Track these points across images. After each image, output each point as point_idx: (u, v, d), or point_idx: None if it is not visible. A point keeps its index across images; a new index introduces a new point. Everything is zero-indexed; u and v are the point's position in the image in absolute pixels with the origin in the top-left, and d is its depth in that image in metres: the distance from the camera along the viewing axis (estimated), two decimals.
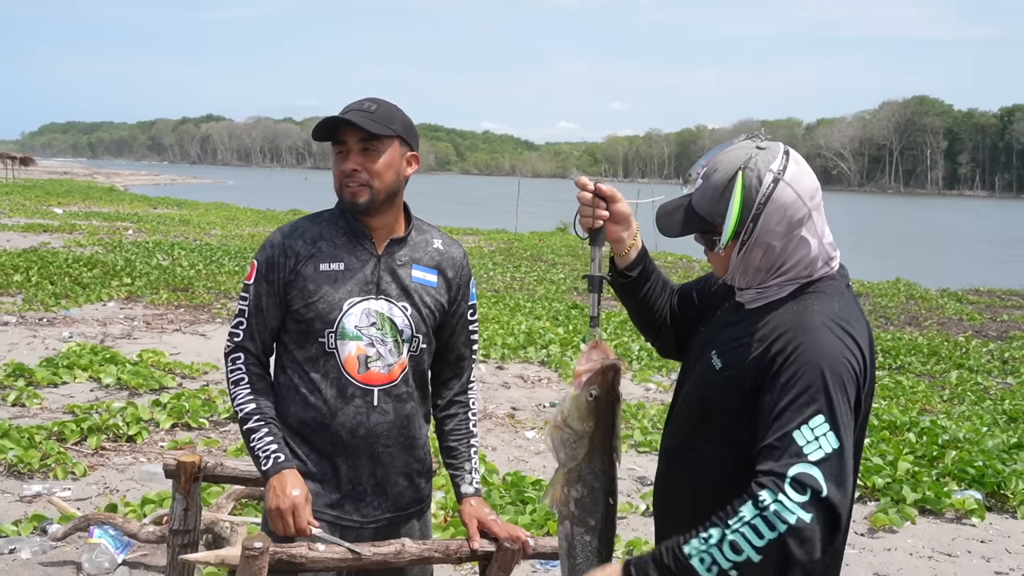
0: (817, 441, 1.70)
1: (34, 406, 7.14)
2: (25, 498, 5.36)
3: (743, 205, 1.85)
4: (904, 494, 5.93)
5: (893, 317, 15.56)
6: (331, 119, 2.37)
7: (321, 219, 2.50)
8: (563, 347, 10.64)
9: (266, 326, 2.46)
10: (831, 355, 1.77)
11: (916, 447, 6.95)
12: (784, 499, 1.65)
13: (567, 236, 31.04)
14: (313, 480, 2.44)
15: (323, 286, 2.40)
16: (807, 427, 1.71)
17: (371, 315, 2.42)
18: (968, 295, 19.23)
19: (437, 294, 2.52)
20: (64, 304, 11.80)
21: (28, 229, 22.39)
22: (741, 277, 1.96)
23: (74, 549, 4.63)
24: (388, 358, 2.44)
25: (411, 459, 2.53)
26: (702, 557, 1.69)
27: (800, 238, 1.88)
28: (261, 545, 2.25)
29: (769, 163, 1.89)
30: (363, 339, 2.41)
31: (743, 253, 1.90)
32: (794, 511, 1.65)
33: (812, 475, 1.66)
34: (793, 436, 1.71)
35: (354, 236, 2.46)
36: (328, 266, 2.42)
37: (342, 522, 2.46)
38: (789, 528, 1.64)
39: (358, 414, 2.42)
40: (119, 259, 16.45)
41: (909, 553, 5.30)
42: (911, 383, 9.75)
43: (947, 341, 12.83)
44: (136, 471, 5.89)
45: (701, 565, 1.69)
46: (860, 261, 26.40)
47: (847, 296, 1.92)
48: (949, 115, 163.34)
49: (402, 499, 2.54)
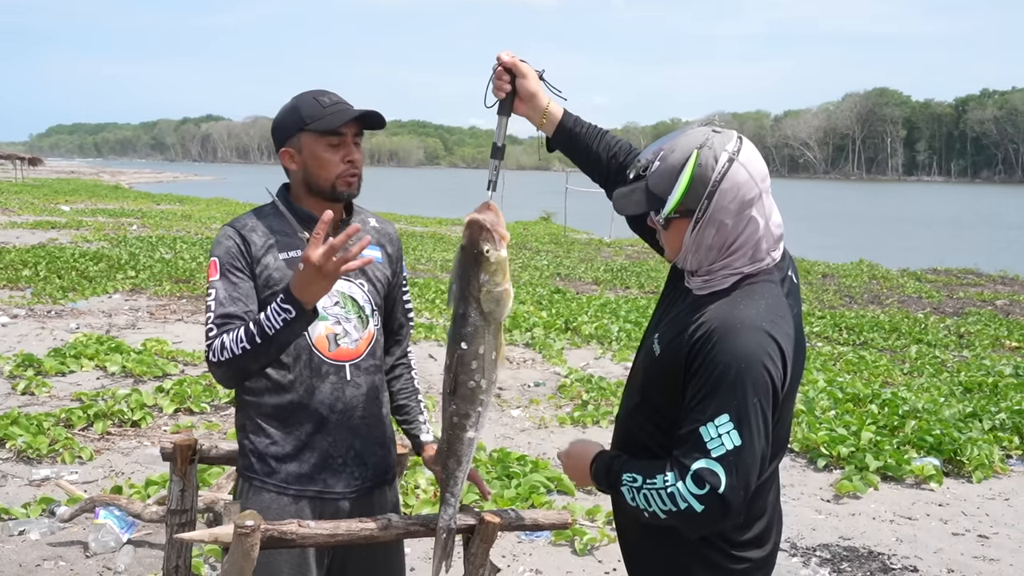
0: (720, 438, 1.76)
1: (43, 394, 7.09)
2: (34, 482, 5.32)
3: (692, 179, 1.85)
4: (867, 462, 5.95)
5: (857, 296, 15.60)
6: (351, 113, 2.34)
7: (266, 213, 2.44)
8: (547, 330, 10.62)
9: (247, 309, 2.32)
10: (746, 357, 1.78)
11: (878, 418, 6.97)
12: (683, 488, 1.77)
13: (551, 225, 31.04)
14: (293, 460, 2.41)
15: (287, 273, 2.35)
16: (712, 424, 1.77)
17: (334, 295, 2.40)
18: (927, 274, 19.31)
19: (383, 268, 2.54)
20: (71, 297, 11.72)
21: (37, 226, 22.20)
22: (693, 257, 1.93)
23: (81, 530, 4.61)
24: (354, 333, 2.43)
25: (384, 427, 2.55)
26: (628, 488, 1.89)
27: (750, 218, 1.87)
28: (252, 523, 2.22)
29: (724, 144, 1.88)
30: (329, 319, 2.39)
31: (696, 231, 1.88)
32: (688, 500, 1.77)
33: (713, 471, 1.75)
34: (700, 432, 1.78)
35: (304, 222, 2.40)
36: (287, 254, 2.37)
37: (324, 495, 2.44)
38: (680, 511, 1.79)
39: (335, 390, 2.40)
40: (124, 253, 16.34)
41: (872, 517, 5.32)
42: (873, 358, 9.78)
43: (907, 318, 12.88)
44: (140, 454, 5.85)
45: (627, 493, 1.89)
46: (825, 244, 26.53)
47: (777, 293, 1.91)
48: (908, 105, 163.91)
49: (379, 467, 2.54)
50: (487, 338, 2.12)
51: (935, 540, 5.00)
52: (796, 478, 5.95)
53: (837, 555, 4.76)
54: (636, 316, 11.55)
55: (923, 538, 5.02)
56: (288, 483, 2.41)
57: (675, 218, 1.90)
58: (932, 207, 62.93)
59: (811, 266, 19.52)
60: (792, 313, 1.92)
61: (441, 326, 10.55)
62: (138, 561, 4.32)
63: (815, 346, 10.61)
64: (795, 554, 4.75)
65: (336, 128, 2.33)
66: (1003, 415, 7.09)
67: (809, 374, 8.48)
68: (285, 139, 2.39)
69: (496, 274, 2.07)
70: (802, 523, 5.17)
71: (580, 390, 7.77)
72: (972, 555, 4.82)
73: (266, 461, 2.42)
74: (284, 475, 2.41)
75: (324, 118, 2.32)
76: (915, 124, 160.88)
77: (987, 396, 8.03)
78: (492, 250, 2.06)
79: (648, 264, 18.88)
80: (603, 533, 4.76)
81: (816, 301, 14.69)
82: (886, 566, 4.65)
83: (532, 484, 5.30)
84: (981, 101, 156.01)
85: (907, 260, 21.61)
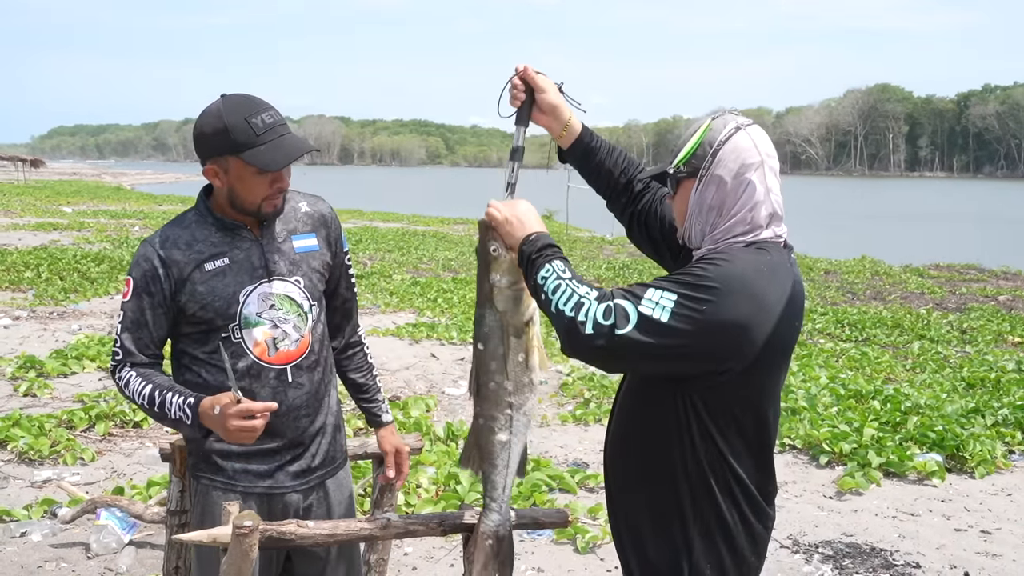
0: (656, 304, 1.78)
1: (44, 396, 7.10)
2: (36, 484, 5.32)
3: (702, 140, 1.97)
4: (870, 458, 5.94)
5: (859, 292, 15.59)
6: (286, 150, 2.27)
7: (187, 222, 2.38)
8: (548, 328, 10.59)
9: (152, 338, 2.34)
10: (734, 273, 1.82)
11: (880, 414, 6.96)
12: (595, 306, 1.80)
13: (552, 223, 30.97)
14: (241, 459, 2.40)
15: (214, 285, 2.32)
16: (659, 292, 1.80)
17: (268, 298, 2.37)
18: (929, 270, 19.27)
19: (321, 255, 2.49)
20: (73, 298, 11.73)
21: (39, 228, 22.23)
22: (696, 222, 1.99)
23: (83, 531, 4.61)
24: (294, 334, 2.40)
25: (329, 417, 2.54)
26: (548, 271, 1.89)
27: (749, 181, 1.93)
28: (251, 523, 2.22)
29: (736, 118, 2.00)
30: (266, 323, 2.36)
31: (699, 189, 1.96)
32: (587, 316, 1.79)
33: (627, 314, 1.78)
34: (647, 288, 1.82)
35: (228, 230, 2.36)
36: (213, 264, 2.32)
37: (273, 491, 2.43)
38: (573, 320, 1.81)
39: (276, 394, 2.38)
40: (126, 255, 16.33)
41: (875, 514, 5.31)
42: (876, 354, 9.76)
43: (910, 314, 12.86)
44: (142, 455, 5.85)
45: (543, 272, 1.90)
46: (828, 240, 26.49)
47: (784, 256, 1.96)
48: (909, 101, 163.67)
49: (327, 456, 2.54)
50: (507, 339, 2.08)
51: (938, 536, 4.99)
52: (799, 475, 5.94)
53: (840, 552, 4.75)
54: None
55: (926, 534, 5.01)
56: (236, 480, 2.41)
57: (683, 177, 1.99)
58: (934, 203, 62.84)
59: (813, 262, 19.50)
60: (794, 279, 1.95)
61: (443, 325, 10.54)
62: (139, 562, 4.32)
63: (817, 343, 10.60)
64: (797, 551, 4.74)
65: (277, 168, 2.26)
66: (1006, 410, 7.07)
67: (811, 370, 8.47)
68: (211, 156, 2.29)
69: (508, 274, 2.05)
70: (804, 520, 5.17)
71: (582, 388, 7.77)
72: (975, 551, 4.81)
73: (211, 460, 2.41)
74: (231, 472, 2.40)
75: (258, 150, 2.22)
76: (917, 120, 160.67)
77: (990, 392, 8.01)
78: (500, 249, 2.05)
79: (650, 262, 18.79)
80: (605, 531, 4.75)
81: (818, 297, 14.68)
82: (888, 562, 4.64)
83: (534, 482, 5.29)
84: (983, 96, 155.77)
85: (909, 256, 21.56)
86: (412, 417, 6.17)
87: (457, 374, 8.29)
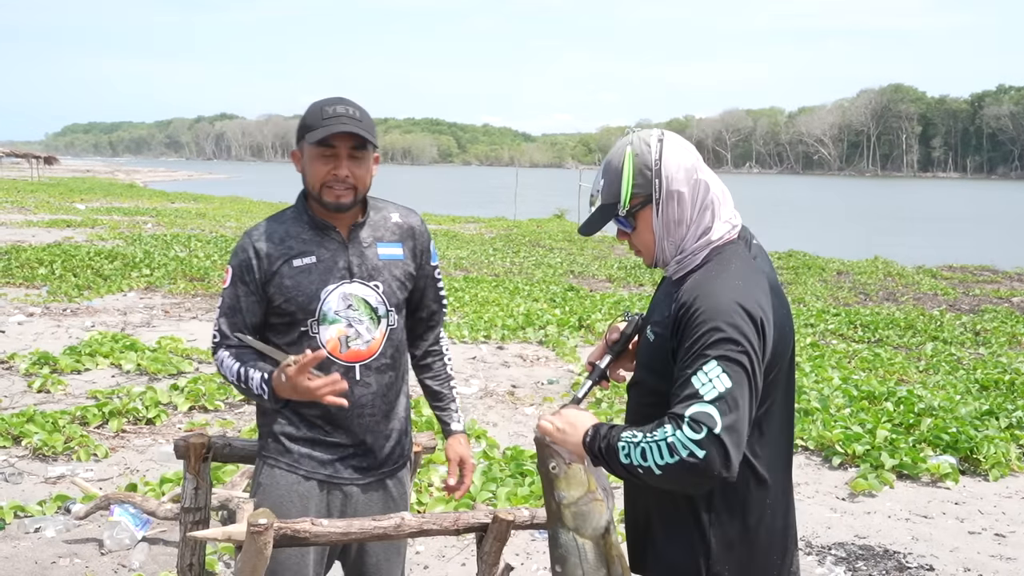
0: (711, 382, 1.79)
1: (58, 392, 7.13)
2: (50, 479, 5.35)
3: (635, 167, 1.99)
4: (882, 460, 5.91)
5: (872, 293, 15.52)
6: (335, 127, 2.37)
7: (284, 218, 2.54)
8: (560, 327, 10.61)
9: (245, 323, 2.50)
10: (724, 311, 1.85)
11: (894, 415, 6.92)
12: (681, 436, 1.77)
13: (564, 222, 30.99)
14: (307, 444, 2.51)
15: (299, 280, 2.45)
16: (703, 371, 1.81)
17: (347, 298, 2.48)
18: (942, 271, 19.16)
19: (405, 265, 2.59)
20: (86, 295, 11.78)
21: (52, 225, 22.34)
22: (668, 242, 2.03)
23: (96, 527, 4.63)
24: (366, 335, 2.50)
25: (394, 422, 2.62)
26: (625, 446, 1.84)
27: (702, 181, 2.00)
28: (266, 521, 2.23)
29: (649, 134, 2.03)
30: (342, 321, 2.47)
31: (661, 212, 2.00)
32: (688, 446, 1.76)
33: (707, 413, 1.77)
34: (691, 380, 1.81)
35: (319, 229, 2.50)
36: (301, 261, 2.47)
37: (333, 480, 2.53)
38: (682, 460, 1.77)
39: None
40: (139, 252, 16.41)
41: (888, 516, 5.29)
42: (889, 355, 9.72)
43: (923, 315, 12.80)
44: (155, 452, 5.87)
45: (622, 452, 1.85)
46: (840, 241, 26.40)
47: (745, 255, 2.01)
48: (923, 101, 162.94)
49: (388, 458, 2.62)
50: (585, 555, 1.97)
51: (951, 539, 4.96)
52: (811, 476, 5.92)
53: (852, 554, 4.73)
54: None
55: (939, 537, 4.98)
56: (299, 463, 2.51)
57: (638, 209, 2.02)
58: (948, 204, 62.53)
59: (825, 263, 19.42)
60: (764, 272, 2.00)
61: (454, 324, 10.54)
62: (153, 558, 4.34)
63: (829, 343, 10.55)
64: (810, 552, 4.72)
65: (321, 141, 2.38)
66: (1020, 413, 7.02)
67: (824, 371, 8.44)
68: (296, 142, 2.50)
69: (571, 489, 1.97)
70: (817, 521, 5.15)
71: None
72: (989, 554, 4.79)
73: (280, 441, 2.52)
74: (297, 455, 2.51)
75: (317, 129, 2.39)
76: (930, 120, 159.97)
77: (1004, 394, 7.97)
78: (560, 466, 1.97)
79: None
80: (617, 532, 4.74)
81: (831, 298, 14.62)
82: (902, 565, 4.62)
83: None
84: (997, 97, 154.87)
85: (922, 257, 21.45)
86: (424, 416, 6.17)
87: (468, 372, 8.29)
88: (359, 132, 2.39)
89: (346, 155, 2.41)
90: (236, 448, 2.89)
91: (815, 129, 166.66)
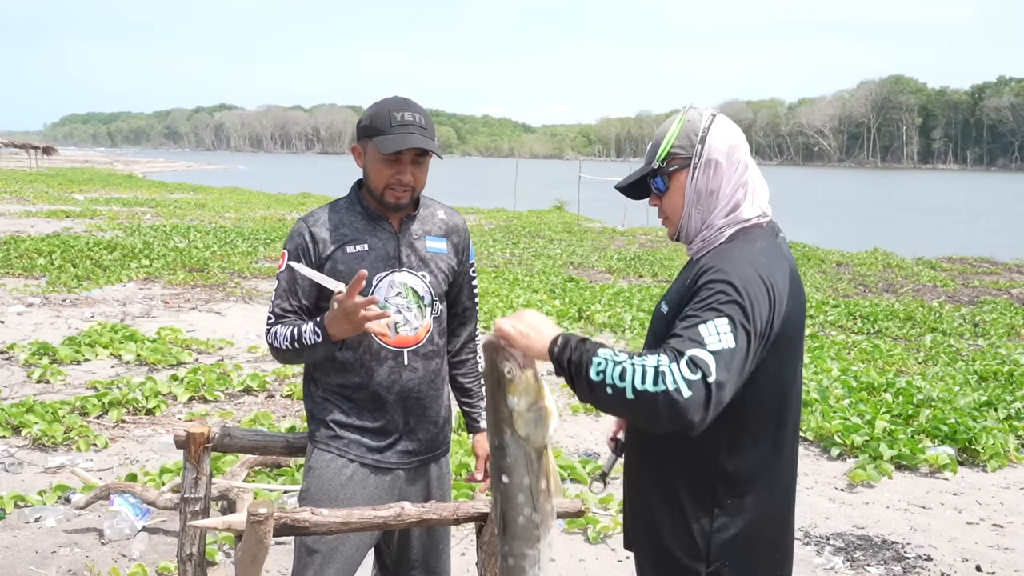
0: (719, 336, 1.75)
1: (58, 382, 7.13)
2: (49, 469, 5.35)
3: (683, 128, 2.04)
4: (881, 451, 5.92)
5: (871, 285, 15.52)
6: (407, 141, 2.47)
7: (339, 207, 2.65)
8: (559, 318, 10.61)
9: (300, 304, 2.60)
10: (744, 274, 1.85)
11: (892, 407, 6.94)
12: (676, 369, 1.69)
13: (564, 214, 30.99)
14: (356, 431, 2.61)
15: (352, 266, 2.54)
16: (713, 323, 1.77)
17: (396, 286, 2.59)
18: (942, 263, 19.15)
19: (448, 259, 2.71)
20: (86, 286, 11.77)
21: (51, 215, 22.31)
22: (696, 211, 2.04)
23: (96, 517, 4.63)
24: (414, 322, 2.61)
25: (439, 407, 2.72)
26: (602, 362, 1.75)
27: (740, 160, 2.03)
28: (266, 511, 2.24)
29: (705, 109, 2.09)
30: (391, 308, 2.57)
31: (695, 178, 2.03)
32: (678, 382, 1.68)
33: (707, 361, 1.71)
34: (699, 328, 1.76)
35: (372, 219, 2.61)
36: (354, 248, 2.57)
37: (381, 464, 2.62)
38: (666, 392, 1.68)
39: (392, 373, 2.58)
40: (138, 242, 16.40)
41: (886, 506, 5.30)
42: (888, 347, 9.72)
43: (922, 307, 12.80)
44: (155, 442, 5.88)
45: (596, 367, 1.75)
46: (840, 232, 26.39)
47: (771, 239, 2.02)
48: (923, 93, 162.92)
49: (432, 442, 2.72)
50: (531, 465, 1.91)
51: (949, 529, 4.98)
52: (810, 467, 5.93)
53: (851, 544, 4.75)
54: (650, 304, 11.53)
55: (937, 527, 5.00)
56: (348, 449, 2.61)
57: (675, 170, 2.04)
58: (948, 195, 62.49)
59: (825, 254, 19.42)
60: (787, 259, 2.01)
61: None
62: (152, 548, 4.35)
63: (829, 335, 10.56)
64: (808, 543, 4.74)
65: (392, 151, 2.48)
66: (1018, 404, 7.04)
67: (823, 362, 8.45)
68: (359, 138, 2.60)
69: (525, 395, 1.88)
70: (816, 512, 5.16)
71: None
72: (987, 544, 4.80)
73: (329, 427, 2.62)
74: (346, 441, 2.61)
75: (387, 137, 2.49)
76: (931, 112, 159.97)
77: (1002, 385, 7.97)
78: (515, 370, 1.88)
79: (662, 252, 18.82)
80: (616, 521, 4.75)
81: (830, 290, 14.62)
82: (900, 555, 4.63)
83: None
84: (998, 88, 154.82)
85: (922, 249, 21.45)
86: None
87: None
88: (427, 147, 2.50)
89: (410, 161, 2.52)
90: (236, 438, 2.90)
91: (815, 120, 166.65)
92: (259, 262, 14.89)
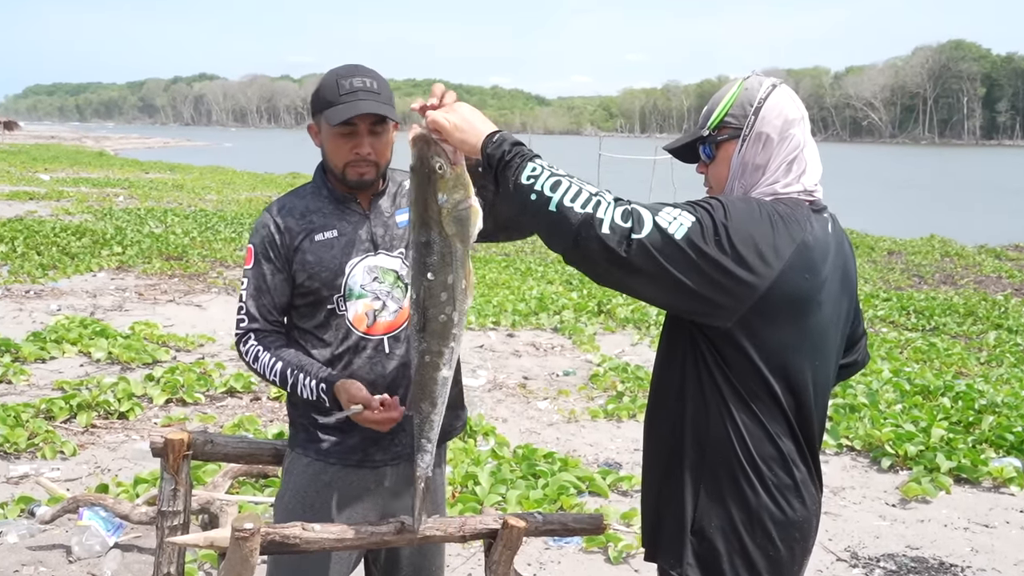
0: (672, 218, 1.87)
1: (21, 383, 7.17)
2: (12, 479, 5.39)
3: (738, 95, 2.10)
4: (938, 462, 5.90)
5: (927, 276, 15.47)
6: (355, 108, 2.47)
7: (305, 193, 2.68)
8: (577, 313, 10.61)
9: (274, 304, 2.63)
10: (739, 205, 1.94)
11: (951, 412, 6.91)
12: (613, 208, 1.85)
13: None
14: (337, 432, 2.62)
15: (322, 255, 2.58)
16: (677, 211, 1.89)
17: (373, 271, 2.61)
18: (1007, 251, 19.07)
19: None
20: (51, 275, 11.84)
21: (13, 197, 22.44)
22: (739, 182, 2.10)
23: (63, 532, 4.66)
24: (393, 305, 2.63)
25: None
26: (536, 168, 1.91)
27: (793, 136, 2.07)
28: (252, 526, 2.24)
29: (767, 78, 2.14)
30: (368, 295, 2.60)
31: (743, 149, 2.08)
32: (605, 216, 1.83)
33: (645, 222, 1.84)
34: (662, 207, 1.90)
35: (340, 202, 2.64)
36: (323, 235, 2.60)
37: (365, 464, 2.65)
38: (589, 218, 1.83)
39: (373, 365, 2.60)
40: (109, 227, 16.48)
41: (944, 524, 5.29)
42: (946, 345, 9.70)
43: (985, 300, 12.75)
44: (128, 449, 5.91)
45: (529, 170, 1.91)
46: (892, 217, 26.27)
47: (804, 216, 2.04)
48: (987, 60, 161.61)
49: None
50: (455, 265, 2.11)
51: (1015, 550, 4.96)
52: (858, 479, 5.92)
53: (903, 566, 4.74)
54: None
55: (1002, 548, 4.98)
56: (330, 453, 2.63)
57: (724, 140, 2.11)
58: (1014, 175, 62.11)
59: (875, 242, 19.36)
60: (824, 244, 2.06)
61: None
62: (126, 567, 4.37)
63: (879, 331, 10.53)
64: (856, 564, 4.73)
65: (340, 121, 2.48)
66: None
67: (873, 363, 8.42)
68: (312, 114, 2.62)
69: (455, 191, 2.06)
70: (864, 530, 5.15)
71: (614, 380, 7.77)
72: None
73: (309, 431, 2.66)
74: (327, 444, 2.63)
75: (336, 108, 2.49)
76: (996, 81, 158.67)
77: None
78: (445, 165, 2.05)
79: None
80: (640, 539, 4.75)
81: (881, 281, 14.58)
82: None
83: (561, 484, 5.31)
84: None
85: (985, 235, 21.35)
86: None
87: (475, 362, 8.32)
88: (379, 112, 2.49)
89: (367, 132, 2.53)
90: (218, 445, 2.91)
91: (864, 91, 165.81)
92: (243, 249, 14.93)
